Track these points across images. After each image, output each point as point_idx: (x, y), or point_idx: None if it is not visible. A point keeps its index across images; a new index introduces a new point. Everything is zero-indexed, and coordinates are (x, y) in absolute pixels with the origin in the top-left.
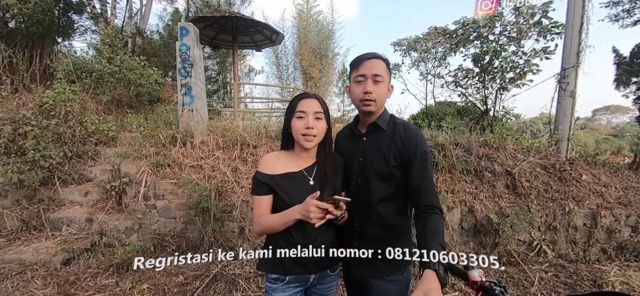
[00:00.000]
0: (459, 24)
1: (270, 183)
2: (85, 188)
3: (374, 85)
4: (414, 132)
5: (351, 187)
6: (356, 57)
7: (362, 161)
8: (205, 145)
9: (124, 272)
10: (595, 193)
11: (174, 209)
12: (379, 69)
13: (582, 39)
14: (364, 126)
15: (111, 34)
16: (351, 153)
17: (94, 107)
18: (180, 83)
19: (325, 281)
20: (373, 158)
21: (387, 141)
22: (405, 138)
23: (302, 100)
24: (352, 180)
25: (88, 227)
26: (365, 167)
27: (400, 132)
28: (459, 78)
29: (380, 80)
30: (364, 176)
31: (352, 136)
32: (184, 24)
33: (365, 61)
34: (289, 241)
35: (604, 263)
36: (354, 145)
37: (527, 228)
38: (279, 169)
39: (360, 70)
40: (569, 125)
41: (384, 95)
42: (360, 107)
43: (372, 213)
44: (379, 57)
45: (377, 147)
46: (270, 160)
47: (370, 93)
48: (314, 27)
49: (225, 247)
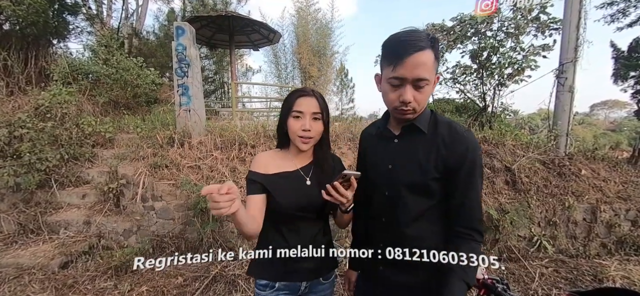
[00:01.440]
0: (456, 20)
1: (263, 183)
2: (82, 191)
3: (415, 91)
4: (463, 135)
5: (375, 201)
6: (394, 43)
7: (392, 169)
8: (203, 145)
9: (123, 274)
10: (594, 188)
11: (172, 210)
12: (425, 69)
13: (579, 34)
14: (396, 127)
15: (107, 35)
16: (379, 158)
17: (90, 109)
18: (177, 83)
19: (317, 289)
20: (406, 167)
21: (427, 145)
22: (450, 142)
23: (300, 98)
24: (378, 192)
25: (86, 230)
26: (396, 177)
27: (444, 134)
28: (456, 75)
29: (425, 84)
30: (394, 188)
31: (381, 137)
32: (180, 24)
33: (407, 58)
34: (282, 246)
35: (604, 257)
36: (382, 148)
37: (527, 224)
38: (273, 168)
39: (398, 70)
40: (568, 120)
41: (427, 97)
42: (394, 114)
43: (401, 235)
44: (424, 46)
45: (412, 153)
46: (264, 159)
47: (410, 103)
48: (312, 25)
49: (224, 247)
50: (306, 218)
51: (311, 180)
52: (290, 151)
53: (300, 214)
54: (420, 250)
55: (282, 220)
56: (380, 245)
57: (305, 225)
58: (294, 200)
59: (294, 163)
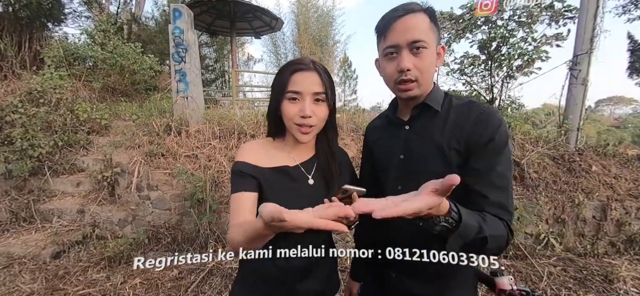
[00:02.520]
0: (465, 8)
1: (258, 177)
2: (77, 179)
3: (412, 57)
4: (490, 113)
5: (387, 196)
6: (383, 16)
7: (404, 158)
8: (201, 134)
9: (116, 266)
10: (605, 185)
11: (168, 200)
12: (418, 31)
13: (596, 23)
14: (405, 111)
15: (105, 20)
16: (389, 149)
17: (87, 95)
18: (174, 69)
19: None
20: (422, 154)
21: (444, 127)
22: (475, 122)
23: (296, 73)
24: (389, 186)
25: (80, 219)
26: (410, 167)
27: (465, 112)
28: (464, 66)
29: (423, 47)
30: (408, 180)
31: (389, 126)
32: (177, 6)
33: (395, 22)
34: (280, 265)
35: (613, 256)
36: (392, 137)
37: (535, 220)
38: (266, 162)
39: (389, 38)
40: (580, 114)
41: (431, 67)
42: (397, 92)
43: (418, 236)
44: (416, 9)
45: (427, 139)
46: (255, 149)
47: (409, 71)
48: (313, 13)
49: (222, 239)
50: (309, 231)
51: (314, 178)
52: (287, 142)
53: None
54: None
55: (280, 233)
56: (391, 250)
57: (308, 238)
58: (294, 202)
59: (292, 157)
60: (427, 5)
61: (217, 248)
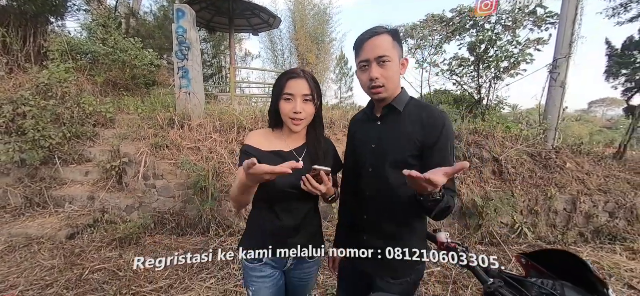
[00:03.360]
0: (455, 11)
1: (258, 158)
2: (85, 168)
3: (380, 68)
4: (439, 117)
5: (363, 177)
6: (358, 37)
7: (375, 147)
8: (203, 128)
9: (127, 246)
10: (577, 181)
11: (173, 189)
12: (383, 49)
13: (575, 29)
14: (378, 109)
15: (104, 14)
16: (365, 139)
17: (90, 89)
18: (177, 66)
19: (303, 267)
20: (387, 144)
21: (405, 125)
22: (427, 124)
23: (290, 80)
24: (364, 168)
25: (90, 205)
26: (379, 154)
27: (423, 116)
28: (454, 67)
29: (387, 60)
30: (377, 164)
31: (366, 120)
32: (181, 6)
33: (365, 43)
34: (275, 224)
35: (580, 245)
36: (368, 130)
37: (510, 211)
38: (267, 146)
39: (362, 54)
40: (558, 115)
41: (395, 75)
42: (371, 95)
43: (385, 207)
44: (380, 31)
45: (392, 132)
46: (259, 137)
47: (377, 79)
48: (310, 10)
49: (223, 225)
50: (299, 198)
51: (304, 161)
52: (284, 132)
53: (293, 192)
54: (402, 237)
55: (276, 199)
56: (365, 217)
57: (298, 204)
58: (287, 179)
59: (288, 143)
60: (391, 28)
61: (216, 249)
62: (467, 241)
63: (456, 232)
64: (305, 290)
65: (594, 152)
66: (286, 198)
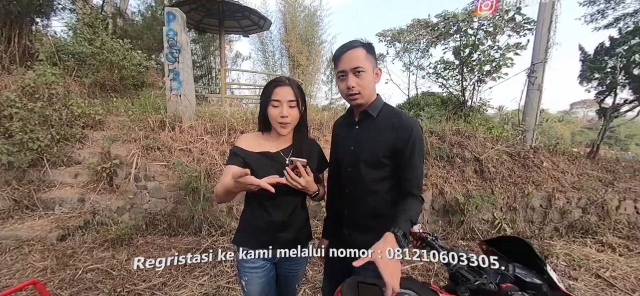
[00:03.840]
0: (440, 17)
1: (245, 158)
2: (74, 170)
3: (356, 78)
4: (409, 122)
5: (343, 175)
6: (335, 51)
7: (354, 149)
8: (194, 129)
9: (119, 246)
10: (552, 179)
11: (164, 190)
12: (357, 60)
13: (550, 36)
14: (357, 115)
15: (90, 14)
16: (345, 141)
17: (77, 90)
18: (168, 68)
19: (292, 259)
20: (363, 146)
21: (379, 129)
22: (398, 128)
23: (277, 88)
24: (344, 167)
25: (80, 207)
26: (356, 155)
27: (394, 122)
28: (439, 70)
29: (361, 71)
30: (355, 164)
31: (346, 124)
32: (171, 9)
33: (342, 55)
34: (265, 219)
35: (554, 239)
36: (348, 133)
37: (490, 208)
38: (256, 148)
39: (339, 65)
40: (535, 116)
41: (369, 84)
42: (349, 102)
43: (361, 202)
44: (355, 45)
45: (368, 136)
46: (248, 139)
47: (353, 88)
48: (300, 12)
49: (214, 224)
50: (286, 194)
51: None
52: (272, 135)
53: (280, 188)
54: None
55: (265, 195)
56: (345, 212)
57: (285, 200)
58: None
59: (275, 145)
60: (365, 42)
61: (217, 249)
62: (450, 237)
63: (440, 229)
64: (295, 280)
65: (569, 151)
66: (274, 194)
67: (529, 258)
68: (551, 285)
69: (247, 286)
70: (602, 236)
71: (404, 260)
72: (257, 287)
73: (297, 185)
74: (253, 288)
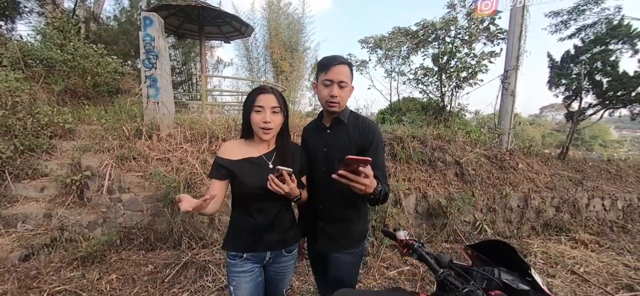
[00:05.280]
0: (419, 25)
1: (230, 168)
2: (41, 184)
3: (339, 89)
4: (371, 125)
5: (316, 174)
6: (325, 59)
7: (326, 150)
8: (172, 138)
9: (90, 265)
10: (528, 179)
11: (140, 202)
12: (344, 76)
13: (521, 44)
14: (328, 120)
15: (61, 18)
16: (317, 144)
17: (46, 98)
18: (145, 75)
19: (281, 260)
20: (335, 148)
21: (348, 133)
22: (363, 131)
23: (260, 95)
24: (318, 167)
25: (46, 223)
26: (329, 156)
27: (360, 125)
28: (420, 76)
29: (344, 85)
30: (328, 163)
31: (317, 129)
32: (148, 14)
33: (333, 67)
34: (251, 222)
35: (531, 237)
36: (319, 137)
37: (471, 210)
38: (238, 155)
39: (328, 74)
40: (510, 120)
41: (347, 96)
42: (326, 107)
43: (335, 196)
44: (344, 62)
45: (339, 138)
46: (230, 147)
47: (335, 97)
48: (284, 19)
49: (195, 237)
50: (270, 197)
51: (273, 164)
52: (254, 140)
53: (263, 193)
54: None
55: (249, 200)
56: (320, 207)
57: (269, 203)
58: (257, 181)
59: (258, 150)
60: (349, 62)
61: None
62: (435, 240)
63: (424, 232)
64: (283, 283)
65: (541, 153)
66: (257, 199)
67: (513, 261)
68: (535, 287)
69: (235, 291)
70: (575, 233)
71: (391, 266)
72: (245, 292)
73: (280, 191)
74: (241, 293)
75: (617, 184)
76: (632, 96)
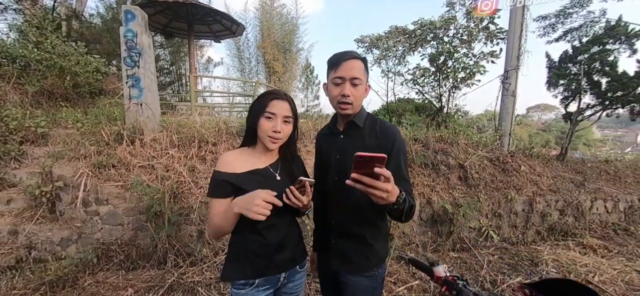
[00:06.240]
0: (417, 24)
1: (235, 183)
2: (7, 195)
3: (351, 88)
4: (391, 129)
5: (329, 184)
6: (335, 55)
7: (340, 158)
8: (158, 142)
9: (60, 290)
10: (531, 182)
11: (121, 215)
12: (357, 72)
13: (521, 44)
14: (341, 124)
15: (39, 15)
16: (329, 150)
17: (17, 99)
18: (126, 74)
19: (295, 278)
20: (349, 155)
21: (365, 138)
22: (381, 136)
23: (274, 100)
24: (330, 177)
25: (12, 240)
26: (343, 164)
27: (377, 129)
28: (416, 77)
29: (358, 82)
30: (342, 173)
31: (330, 134)
32: (129, 8)
33: (343, 62)
34: (261, 243)
35: (538, 243)
36: (332, 142)
37: (477, 216)
38: (241, 167)
39: (338, 71)
40: (511, 121)
41: (361, 96)
42: (337, 109)
43: (349, 210)
44: (357, 57)
45: (354, 144)
46: (230, 159)
47: (348, 97)
48: (277, 20)
49: (182, 253)
50: (280, 212)
51: (280, 175)
52: (257, 149)
53: (274, 208)
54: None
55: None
56: (333, 222)
57: (280, 219)
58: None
59: (263, 160)
60: (363, 56)
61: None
62: (441, 249)
63: (429, 240)
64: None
65: (542, 154)
66: (269, 215)
67: None
68: None
69: None
70: (582, 238)
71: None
72: None
73: (298, 204)
74: None
75: (617, 185)
76: (631, 96)
